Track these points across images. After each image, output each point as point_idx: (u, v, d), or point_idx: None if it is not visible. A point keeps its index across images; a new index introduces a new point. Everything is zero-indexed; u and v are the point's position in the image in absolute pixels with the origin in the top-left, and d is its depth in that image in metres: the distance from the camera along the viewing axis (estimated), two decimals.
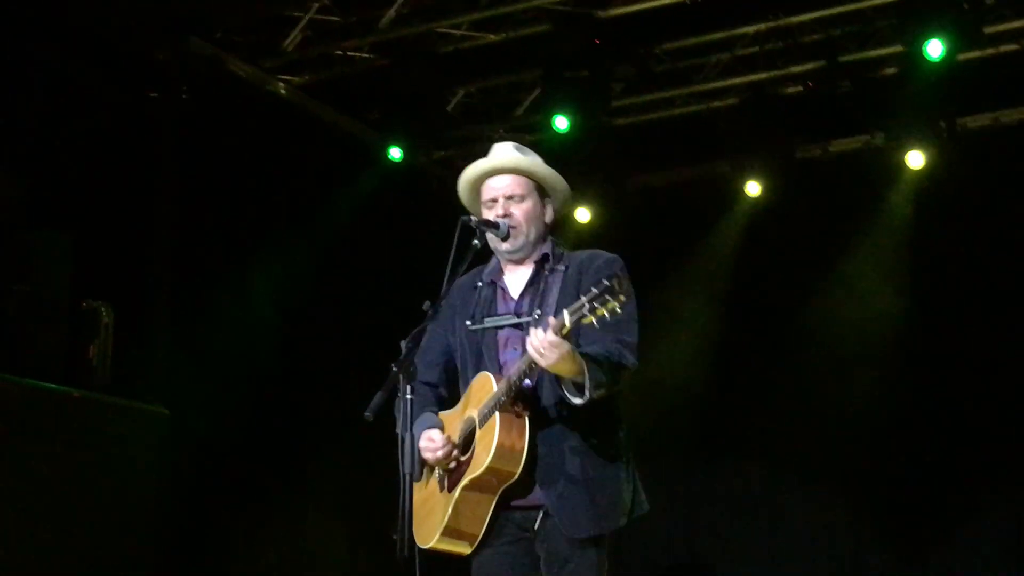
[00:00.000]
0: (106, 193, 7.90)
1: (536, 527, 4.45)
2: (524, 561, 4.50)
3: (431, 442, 4.47)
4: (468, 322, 4.57)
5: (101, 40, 8.03)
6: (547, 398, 4.41)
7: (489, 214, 4.56)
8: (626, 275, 4.32)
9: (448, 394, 4.69)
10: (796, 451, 9.24)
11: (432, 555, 4.50)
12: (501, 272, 4.64)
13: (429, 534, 4.52)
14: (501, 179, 4.59)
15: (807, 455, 9.17)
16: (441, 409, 4.68)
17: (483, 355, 4.53)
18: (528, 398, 4.41)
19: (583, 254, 4.59)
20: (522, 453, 4.34)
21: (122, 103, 8.20)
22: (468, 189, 4.68)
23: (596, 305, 4.01)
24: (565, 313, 4.08)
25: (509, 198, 4.56)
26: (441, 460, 4.49)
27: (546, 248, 4.56)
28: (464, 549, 4.52)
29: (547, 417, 4.41)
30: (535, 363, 4.17)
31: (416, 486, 4.56)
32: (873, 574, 9.19)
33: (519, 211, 4.55)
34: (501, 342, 4.52)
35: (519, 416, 4.37)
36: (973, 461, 8.77)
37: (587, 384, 4.18)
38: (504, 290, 4.61)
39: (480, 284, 4.64)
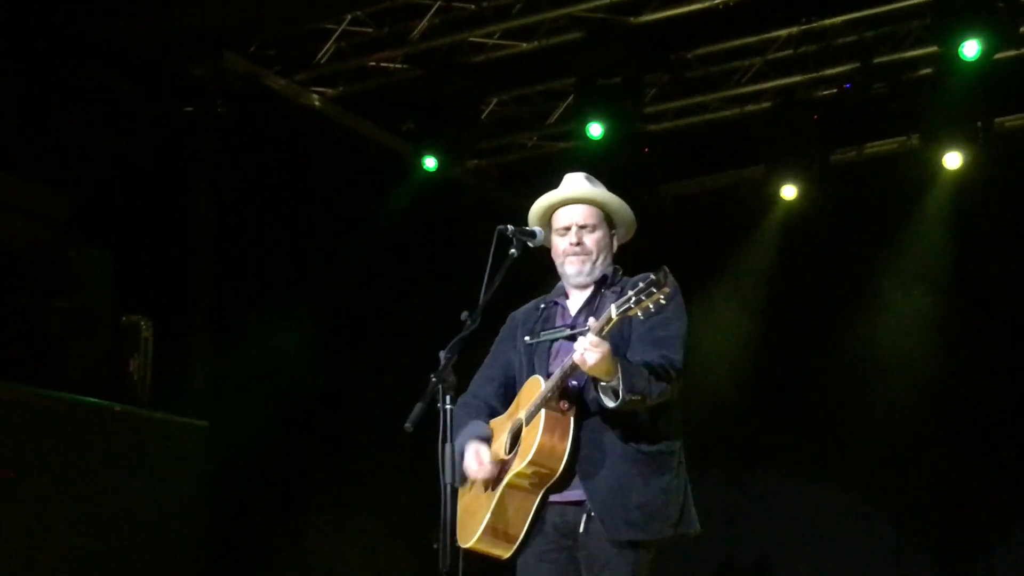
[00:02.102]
0: (145, 209, 7.97)
1: (579, 530, 4.48)
2: (568, 568, 4.53)
3: (477, 458, 4.58)
4: (527, 337, 4.73)
5: (138, 57, 8.10)
6: (594, 401, 4.46)
7: (562, 242, 4.71)
8: (678, 297, 4.51)
9: (503, 409, 4.78)
10: (837, 461, 9.16)
11: (475, 561, 4.52)
12: (565, 295, 4.80)
13: (470, 534, 4.59)
14: (574, 209, 4.74)
15: (848, 465, 9.10)
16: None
17: (535, 365, 4.66)
18: (574, 399, 4.49)
19: (639, 276, 4.67)
20: (564, 451, 4.43)
21: (159, 119, 8.27)
22: (539, 217, 4.82)
23: (641, 298, 4.15)
24: (612, 307, 4.23)
25: (582, 227, 4.71)
26: (483, 480, 4.57)
27: (606, 271, 4.70)
28: (503, 552, 4.57)
29: (594, 419, 4.49)
30: (575, 363, 4.28)
31: (462, 489, 4.63)
32: None
33: (591, 240, 4.70)
34: (553, 353, 4.65)
35: (563, 414, 4.47)
36: (1018, 471, 8.66)
37: (620, 387, 4.26)
38: (564, 308, 4.76)
39: (544, 305, 4.82)
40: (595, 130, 8.93)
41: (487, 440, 4.66)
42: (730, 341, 9.75)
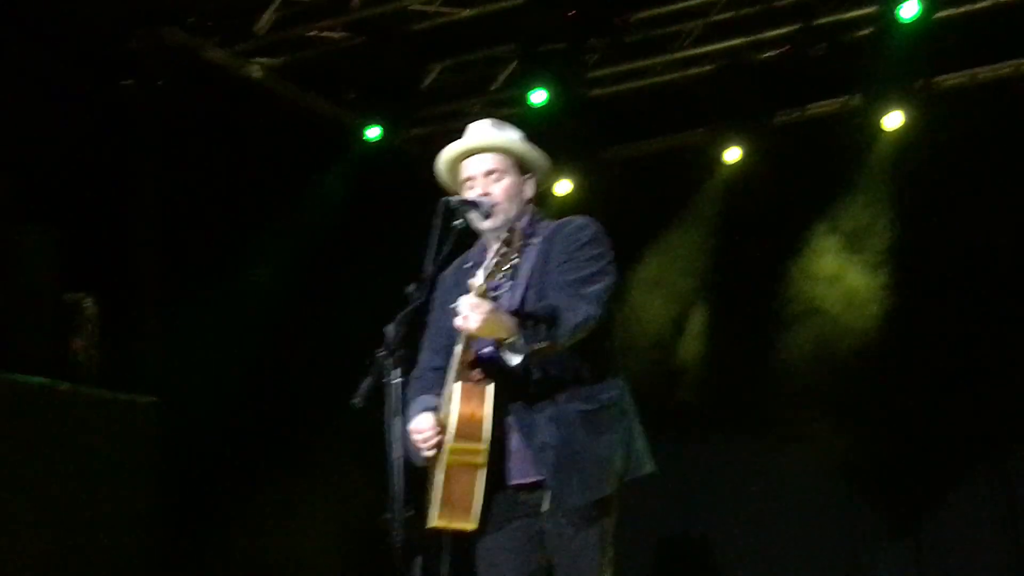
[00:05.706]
0: (89, 186, 7.87)
1: (542, 509, 4.40)
2: (526, 544, 4.46)
3: (418, 428, 4.45)
4: (452, 305, 4.52)
5: (75, 32, 7.98)
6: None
7: (470, 194, 4.53)
8: (599, 236, 4.41)
9: None
10: (785, 418, 9.23)
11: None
12: (485, 252, 4.60)
13: (432, 512, 4.49)
14: (479, 158, 4.58)
15: (796, 421, 9.16)
16: None
17: (459, 333, 4.44)
18: (489, 365, 4.33)
19: (556, 223, 4.58)
20: (483, 420, 4.28)
21: (100, 95, 8.15)
22: (447, 170, 4.68)
23: (498, 260, 4.05)
24: (479, 271, 4.10)
25: (488, 175, 4.54)
26: (429, 444, 4.47)
27: (521, 224, 4.45)
28: (467, 524, 4.43)
29: (519, 385, 4.35)
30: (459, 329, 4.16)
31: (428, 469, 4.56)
32: (866, 536, 9.19)
33: (498, 189, 4.52)
34: None
35: (477, 383, 4.32)
36: (964, 427, 8.75)
37: (519, 340, 4.13)
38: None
39: (466, 267, 4.64)
40: (538, 97, 8.92)
41: (433, 410, 4.53)
42: (676, 301, 9.79)
